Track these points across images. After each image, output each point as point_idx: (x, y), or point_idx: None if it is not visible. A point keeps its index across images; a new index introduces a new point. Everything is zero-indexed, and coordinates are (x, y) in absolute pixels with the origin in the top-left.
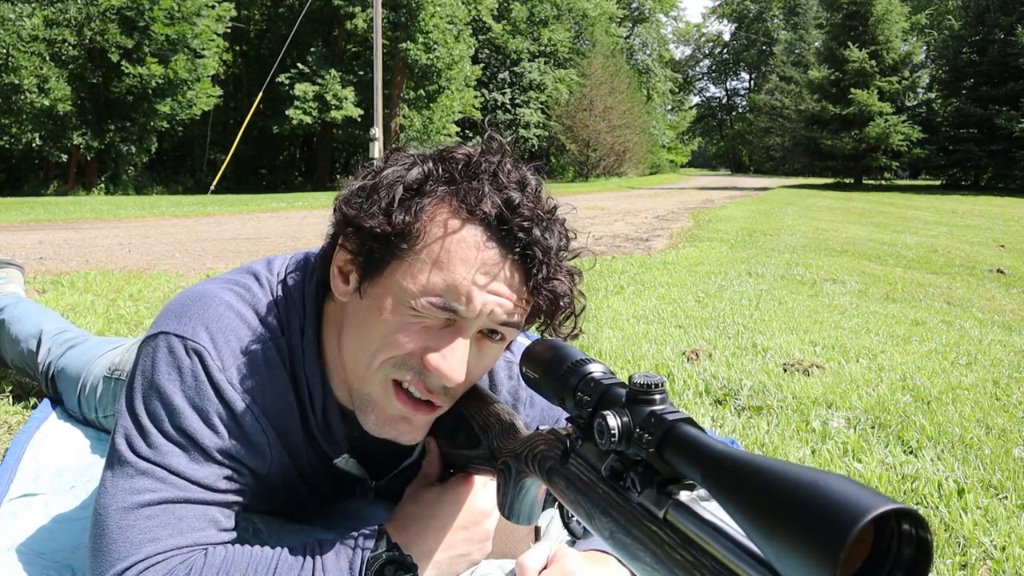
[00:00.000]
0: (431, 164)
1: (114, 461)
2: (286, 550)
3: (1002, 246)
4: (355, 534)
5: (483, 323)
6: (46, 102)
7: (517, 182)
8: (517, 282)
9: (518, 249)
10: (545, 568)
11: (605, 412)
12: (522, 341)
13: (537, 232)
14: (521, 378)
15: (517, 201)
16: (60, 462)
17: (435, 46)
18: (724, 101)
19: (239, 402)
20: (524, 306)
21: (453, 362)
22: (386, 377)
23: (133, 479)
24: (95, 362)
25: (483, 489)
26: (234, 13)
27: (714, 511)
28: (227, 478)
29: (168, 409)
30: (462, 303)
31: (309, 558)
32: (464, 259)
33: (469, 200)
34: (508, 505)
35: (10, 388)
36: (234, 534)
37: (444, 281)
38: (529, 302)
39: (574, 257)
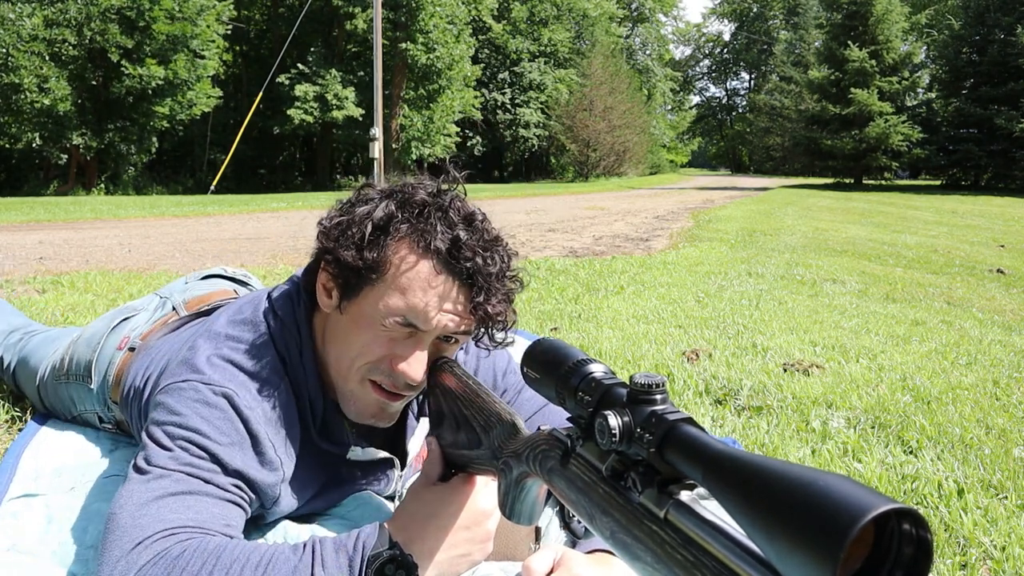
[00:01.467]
0: (394, 206)
1: (132, 475)
2: (285, 545)
3: (1002, 246)
4: (355, 532)
5: (439, 333)
6: (46, 102)
7: (465, 217)
8: (464, 301)
9: (464, 276)
10: (552, 572)
11: (606, 412)
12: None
13: (480, 261)
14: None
15: (464, 238)
16: (60, 462)
17: (435, 46)
18: (724, 101)
19: (263, 436)
20: (472, 319)
21: (415, 366)
22: (363, 377)
23: (149, 483)
24: (41, 364)
25: (484, 489)
26: (234, 13)
27: (714, 511)
28: (240, 489)
29: (193, 431)
30: (421, 321)
31: (308, 554)
32: (422, 287)
33: (425, 238)
34: (509, 505)
35: (10, 388)
36: (239, 532)
37: (406, 304)
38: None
39: (514, 275)
